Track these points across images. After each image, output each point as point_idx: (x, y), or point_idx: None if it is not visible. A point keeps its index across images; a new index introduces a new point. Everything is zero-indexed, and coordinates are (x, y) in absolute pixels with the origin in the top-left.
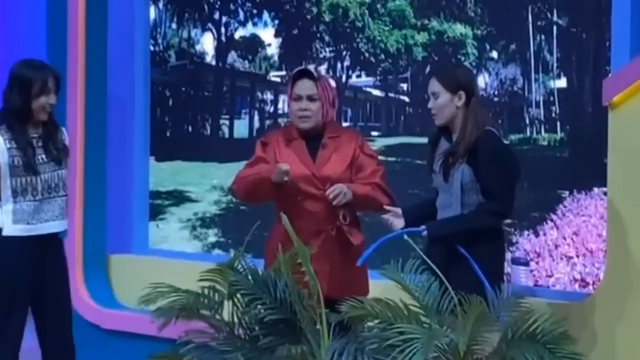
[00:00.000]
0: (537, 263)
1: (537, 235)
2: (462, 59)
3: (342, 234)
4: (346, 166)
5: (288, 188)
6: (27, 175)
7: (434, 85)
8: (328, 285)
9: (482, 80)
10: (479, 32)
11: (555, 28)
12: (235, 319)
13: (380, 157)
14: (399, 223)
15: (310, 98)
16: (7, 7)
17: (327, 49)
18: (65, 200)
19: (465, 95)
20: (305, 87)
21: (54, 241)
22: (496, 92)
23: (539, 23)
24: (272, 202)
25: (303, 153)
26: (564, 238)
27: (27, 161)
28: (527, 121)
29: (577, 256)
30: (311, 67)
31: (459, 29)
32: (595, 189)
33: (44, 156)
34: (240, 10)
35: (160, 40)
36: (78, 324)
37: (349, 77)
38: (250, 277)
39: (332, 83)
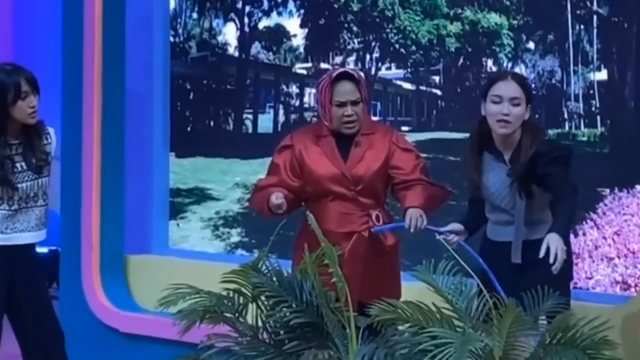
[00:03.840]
0: (576, 264)
1: (576, 235)
2: (497, 50)
3: (375, 235)
4: (380, 164)
5: (316, 188)
6: (3, 186)
7: (516, 90)
8: (360, 290)
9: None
10: (515, 21)
11: (595, 17)
12: (260, 323)
13: None
14: (462, 238)
15: (354, 102)
16: None
17: (356, 40)
18: (44, 210)
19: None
20: (347, 91)
21: (29, 252)
22: (533, 85)
23: (579, 12)
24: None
25: (333, 151)
26: (605, 238)
27: (4, 175)
28: (566, 115)
29: (619, 257)
30: (349, 68)
31: (494, 18)
32: (638, 187)
33: (23, 164)
34: None
35: (180, 31)
36: (95, 327)
37: (378, 69)
38: (275, 279)
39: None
